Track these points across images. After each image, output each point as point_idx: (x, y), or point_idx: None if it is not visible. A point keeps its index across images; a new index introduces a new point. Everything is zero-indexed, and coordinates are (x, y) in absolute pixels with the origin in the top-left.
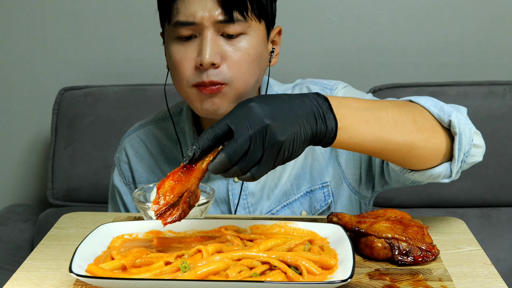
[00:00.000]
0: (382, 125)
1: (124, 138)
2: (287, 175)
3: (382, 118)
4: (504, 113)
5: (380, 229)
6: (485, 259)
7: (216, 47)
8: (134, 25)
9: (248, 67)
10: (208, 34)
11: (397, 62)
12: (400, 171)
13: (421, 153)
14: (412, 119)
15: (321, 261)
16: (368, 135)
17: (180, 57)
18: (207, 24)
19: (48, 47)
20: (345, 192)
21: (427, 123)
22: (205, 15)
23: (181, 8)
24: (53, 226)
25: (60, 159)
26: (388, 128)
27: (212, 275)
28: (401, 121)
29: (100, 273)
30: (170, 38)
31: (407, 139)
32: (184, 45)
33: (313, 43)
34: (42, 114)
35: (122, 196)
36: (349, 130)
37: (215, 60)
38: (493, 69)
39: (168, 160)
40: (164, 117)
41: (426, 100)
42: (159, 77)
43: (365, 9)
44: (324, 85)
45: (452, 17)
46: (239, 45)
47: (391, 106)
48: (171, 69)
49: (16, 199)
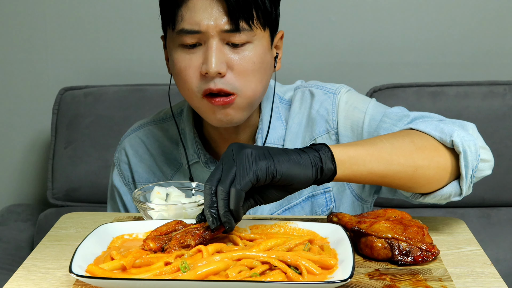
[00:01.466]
0: (379, 147)
1: (124, 138)
2: None
3: (377, 143)
4: (504, 113)
5: (380, 229)
6: (485, 259)
7: (221, 56)
8: (134, 25)
9: (254, 75)
10: (214, 43)
11: (397, 62)
12: (412, 197)
13: (427, 173)
14: (409, 141)
15: (321, 261)
16: (367, 156)
17: (185, 65)
18: (213, 33)
19: (48, 47)
20: (348, 198)
21: (426, 143)
22: (210, 24)
23: (186, 15)
24: (53, 226)
25: (60, 159)
26: (387, 149)
27: (212, 275)
28: (398, 144)
29: (100, 273)
30: (174, 45)
31: (408, 159)
32: (188, 53)
33: (313, 43)
34: (42, 114)
35: (122, 196)
36: (348, 162)
37: (221, 70)
38: (493, 69)
39: (168, 161)
40: (164, 117)
41: (426, 125)
42: (159, 77)
43: (365, 9)
44: (327, 89)
45: (452, 17)
46: (244, 54)
47: (386, 136)
48: (176, 76)
49: (16, 199)
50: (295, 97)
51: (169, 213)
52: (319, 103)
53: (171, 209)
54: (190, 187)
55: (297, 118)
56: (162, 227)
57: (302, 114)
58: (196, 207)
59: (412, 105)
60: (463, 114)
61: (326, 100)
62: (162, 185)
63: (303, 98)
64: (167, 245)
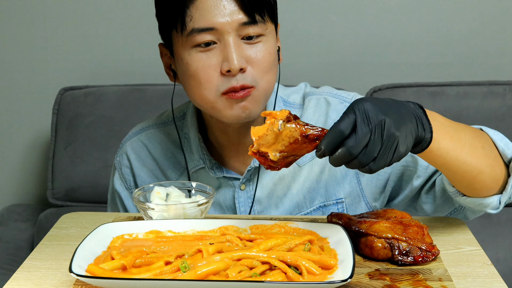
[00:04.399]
0: (462, 145)
1: (125, 142)
2: (298, 187)
3: (461, 138)
4: (504, 113)
5: (380, 229)
6: (485, 259)
7: (240, 52)
8: (134, 25)
9: (271, 67)
10: (231, 39)
11: (397, 62)
12: (454, 194)
13: (485, 180)
14: (481, 145)
15: (321, 261)
16: (451, 151)
17: (202, 65)
18: (229, 30)
19: (48, 47)
20: (362, 209)
21: (492, 152)
22: (226, 20)
23: (196, 15)
24: (53, 226)
25: (60, 159)
26: (466, 149)
27: (212, 275)
28: (474, 145)
29: (100, 273)
30: (185, 47)
31: (478, 162)
32: (205, 53)
33: (313, 43)
34: (42, 114)
35: (123, 200)
36: (438, 142)
37: (243, 65)
38: (493, 69)
39: (172, 165)
40: (166, 120)
41: (494, 133)
42: (159, 77)
43: (365, 9)
44: (342, 97)
45: (452, 17)
46: (260, 46)
47: (467, 129)
48: (191, 78)
49: (16, 199)
50: (309, 103)
51: (169, 213)
52: (336, 113)
53: (171, 209)
54: (190, 187)
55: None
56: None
57: (316, 122)
58: (196, 207)
59: None
60: (463, 114)
61: (343, 109)
62: (162, 185)
63: (318, 105)
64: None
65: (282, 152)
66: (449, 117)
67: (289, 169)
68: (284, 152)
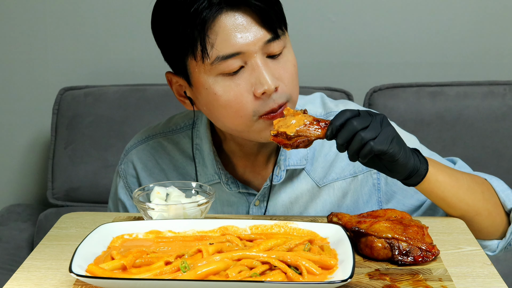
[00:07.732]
0: (460, 184)
1: (131, 149)
2: (317, 208)
3: (459, 179)
4: (504, 113)
5: (380, 229)
6: (485, 259)
7: (270, 71)
8: (134, 25)
9: (297, 77)
10: (259, 61)
11: (397, 62)
12: None
13: (482, 223)
14: (481, 190)
15: (321, 261)
16: (448, 186)
17: (235, 94)
18: (255, 49)
19: (48, 47)
20: None
21: (492, 199)
22: (250, 40)
23: (217, 41)
24: (53, 226)
25: (60, 159)
26: (464, 189)
27: (212, 275)
28: (473, 188)
29: (100, 273)
30: (209, 76)
31: (476, 204)
32: (233, 80)
33: (313, 43)
34: (42, 114)
35: (128, 209)
36: (435, 175)
37: (276, 84)
38: (493, 69)
39: (181, 176)
40: (175, 128)
41: (498, 184)
42: (159, 77)
43: (365, 9)
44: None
45: (452, 17)
46: (285, 59)
47: (466, 174)
48: (223, 110)
49: (16, 199)
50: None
51: (169, 213)
52: None
53: (171, 209)
54: (190, 187)
55: (327, 143)
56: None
57: None
58: (196, 207)
59: (412, 105)
60: (463, 114)
61: None
62: (162, 185)
63: None
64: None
65: (297, 131)
66: (449, 117)
67: (308, 188)
68: (298, 131)
